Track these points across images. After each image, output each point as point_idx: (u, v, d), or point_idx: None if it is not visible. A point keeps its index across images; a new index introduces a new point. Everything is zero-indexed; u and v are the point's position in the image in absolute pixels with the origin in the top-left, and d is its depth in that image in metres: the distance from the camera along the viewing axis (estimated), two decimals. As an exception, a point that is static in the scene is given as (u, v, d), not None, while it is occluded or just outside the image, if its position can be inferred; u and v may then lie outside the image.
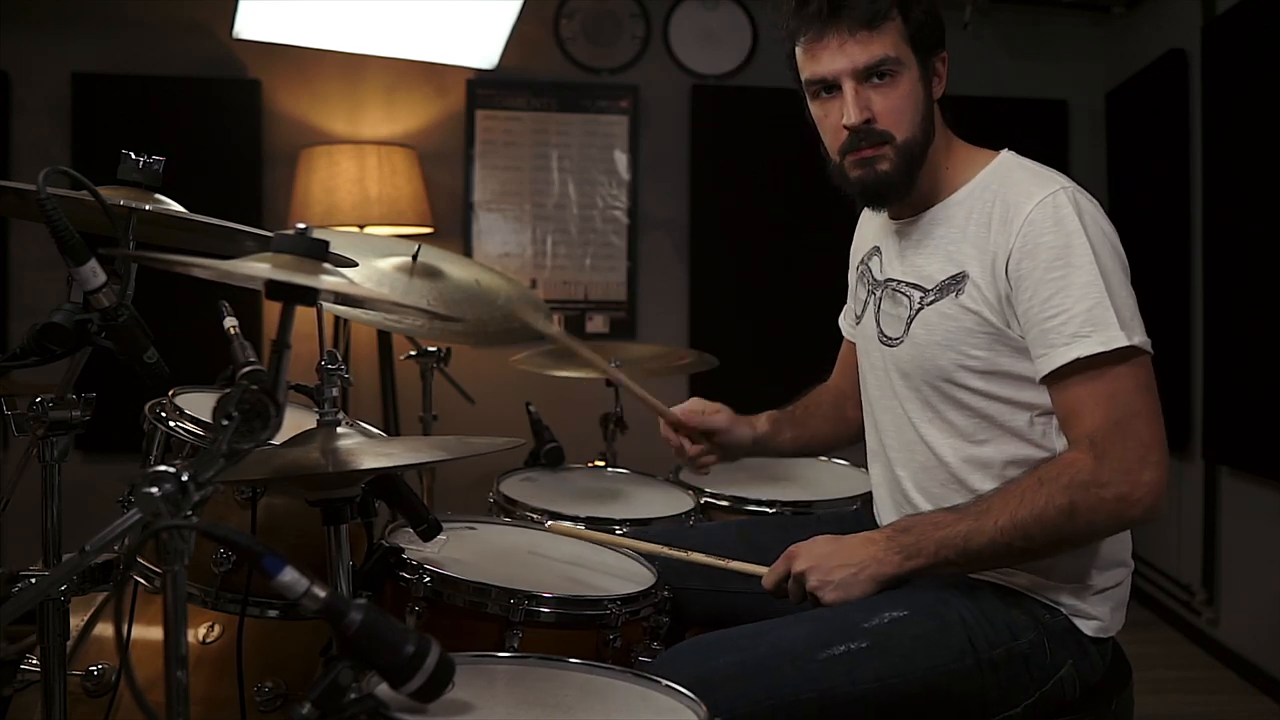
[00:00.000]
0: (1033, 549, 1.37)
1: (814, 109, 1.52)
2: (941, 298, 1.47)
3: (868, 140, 1.46)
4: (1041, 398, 1.43)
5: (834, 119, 1.47)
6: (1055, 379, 1.38)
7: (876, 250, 1.64)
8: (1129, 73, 4.10)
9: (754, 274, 4.12)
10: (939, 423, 1.50)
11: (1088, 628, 1.45)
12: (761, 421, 1.84)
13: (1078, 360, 1.34)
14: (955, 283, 1.46)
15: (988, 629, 1.40)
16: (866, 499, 2.23)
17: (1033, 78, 4.29)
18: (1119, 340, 1.33)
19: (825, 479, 2.48)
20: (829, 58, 1.45)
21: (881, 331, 1.58)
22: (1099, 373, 1.35)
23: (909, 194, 1.51)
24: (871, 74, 1.45)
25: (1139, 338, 1.35)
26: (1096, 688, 1.49)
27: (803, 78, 1.50)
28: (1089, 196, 1.43)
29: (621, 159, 4.22)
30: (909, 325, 1.51)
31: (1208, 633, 3.59)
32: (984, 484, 1.47)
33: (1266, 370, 3.15)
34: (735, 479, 2.37)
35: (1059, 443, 1.44)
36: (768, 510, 2.20)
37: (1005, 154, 1.52)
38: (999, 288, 1.41)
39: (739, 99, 4.18)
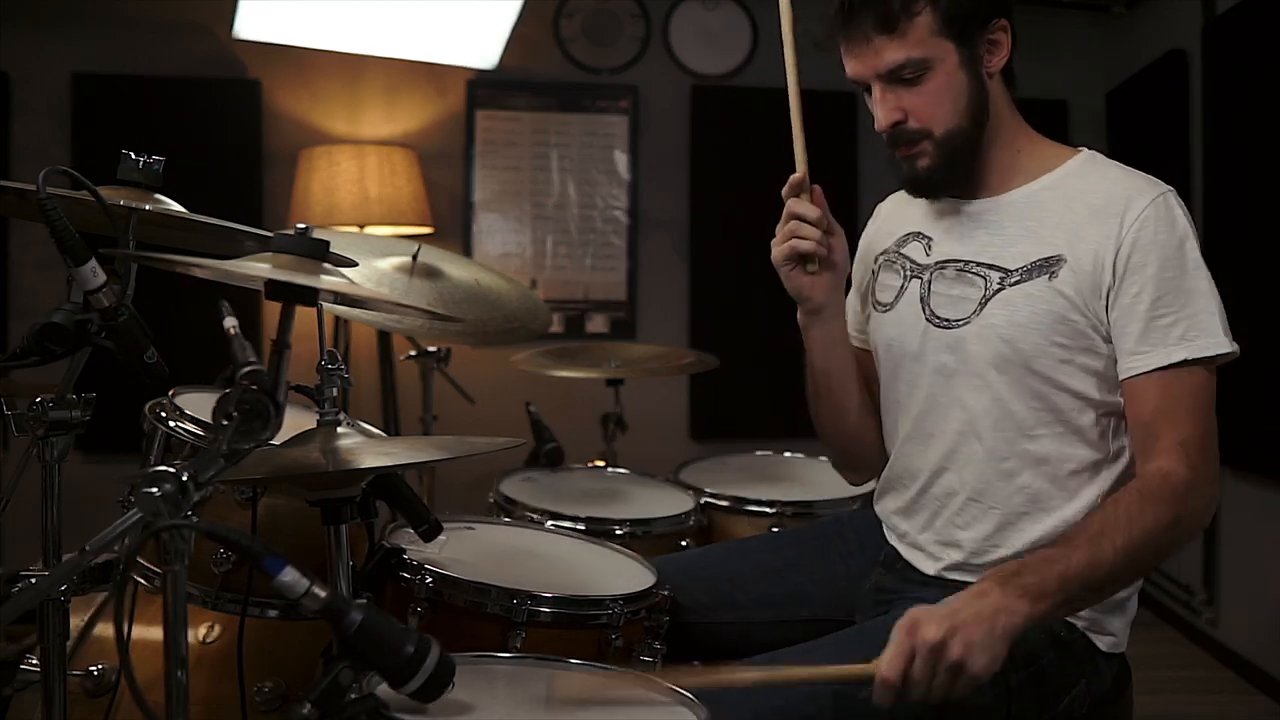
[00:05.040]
0: (1140, 570, 1.34)
1: (867, 104, 1.50)
2: (1029, 279, 1.42)
3: (903, 140, 1.45)
4: (1110, 397, 1.40)
5: (876, 118, 1.46)
6: (1147, 378, 1.35)
7: (916, 235, 1.56)
8: (1129, 73, 4.10)
9: (754, 274, 4.07)
10: (997, 412, 1.44)
11: (1103, 643, 1.42)
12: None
13: (1183, 362, 1.33)
14: (1048, 264, 1.41)
15: (1012, 654, 1.27)
16: (867, 499, 2.24)
17: (1033, 78, 4.23)
18: (1224, 346, 1.34)
19: (825, 479, 2.47)
20: (853, 62, 1.45)
21: (933, 314, 1.50)
22: (1197, 380, 1.34)
23: (961, 181, 1.49)
24: (895, 77, 1.42)
25: (1232, 345, 1.36)
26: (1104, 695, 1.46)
27: None
28: (1182, 202, 1.42)
29: (621, 159, 4.22)
30: (983, 305, 1.45)
31: (1208, 633, 3.59)
32: (1035, 481, 1.42)
33: (1266, 370, 3.14)
34: (735, 479, 2.38)
35: (1114, 445, 1.42)
36: (768, 510, 2.20)
37: (1086, 151, 1.51)
38: (1100, 278, 1.38)
39: (739, 99, 4.17)
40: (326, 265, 1.15)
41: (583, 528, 1.95)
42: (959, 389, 1.47)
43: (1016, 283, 1.43)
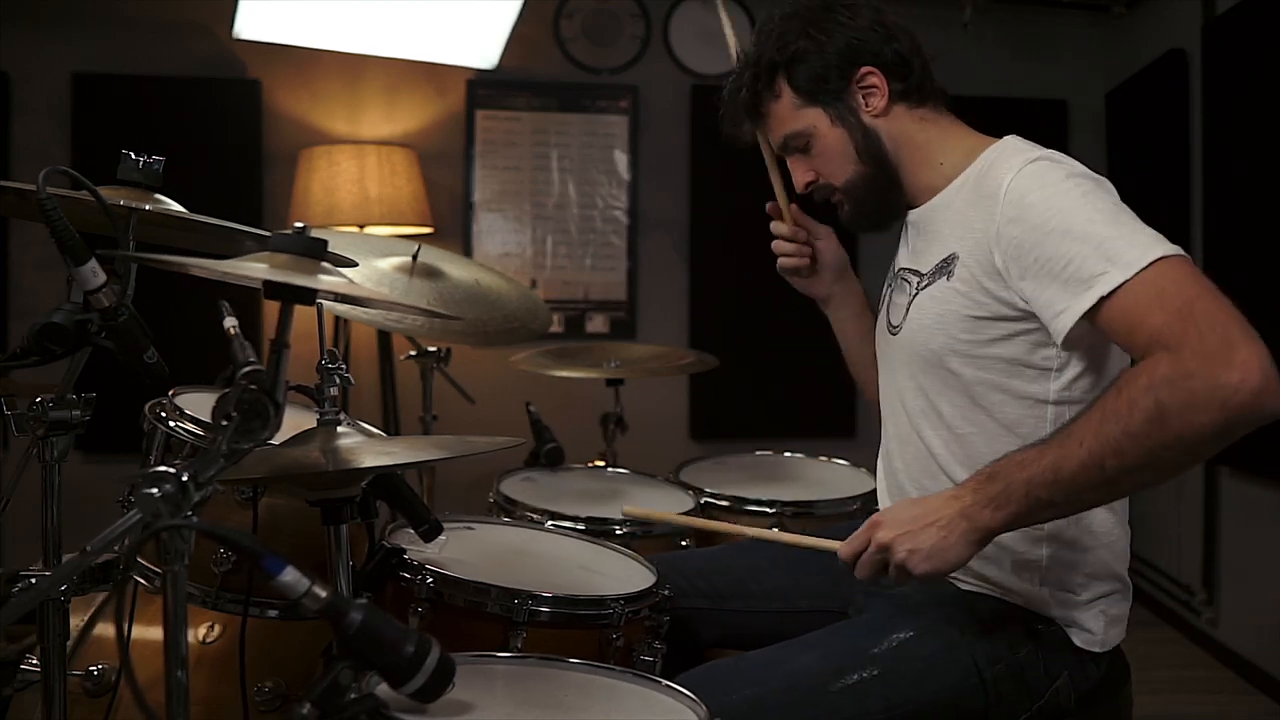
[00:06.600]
0: (1128, 465, 1.19)
1: None
2: (934, 281, 1.46)
3: (821, 195, 1.59)
4: (1035, 387, 1.38)
5: (794, 183, 1.62)
6: (1092, 316, 1.27)
7: (899, 245, 1.64)
8: (1129, 73, 4.10)
9: (754, 274, 4.08)
10: (930, 413, 1.48)
11: (1080, 639, 1.42)
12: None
13: (1103, 296, 1.24)
14: (947, 265, 1.44)
15: (988, 645, 1.40)
16: (866, 499, 2.24)
17: (1033, 78, 4.29)
18: (1139, 263, 1.22)
19: (825, 479, 2.48)
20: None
21: (889, 321, 1.58)
22: (1136, 288, 1.23)
23: (884, 216, 1.58)
24: (790, 149, 1.58)
25: (1162, 249, 1.24)
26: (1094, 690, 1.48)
27: None
28: (1077, 163, 1.37)
29: (621, 159, 4.22)
30: (907, 311, 1.51)
31: (1208, 633, 3.59)
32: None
33: (1266, 370, 3.14)
34: (735, 479, 2.38)
35: None
36: (768, 510, 2.20)
37: (1007, 138, 1.48)
38: (990, 261, 1.36)
39: (739, 99, 4.17)
40: (324, 265, 1.15)
41: (583, 528, 1.95)
42: (902, 391, 1.54)
43: (926, 286, 1.48)
